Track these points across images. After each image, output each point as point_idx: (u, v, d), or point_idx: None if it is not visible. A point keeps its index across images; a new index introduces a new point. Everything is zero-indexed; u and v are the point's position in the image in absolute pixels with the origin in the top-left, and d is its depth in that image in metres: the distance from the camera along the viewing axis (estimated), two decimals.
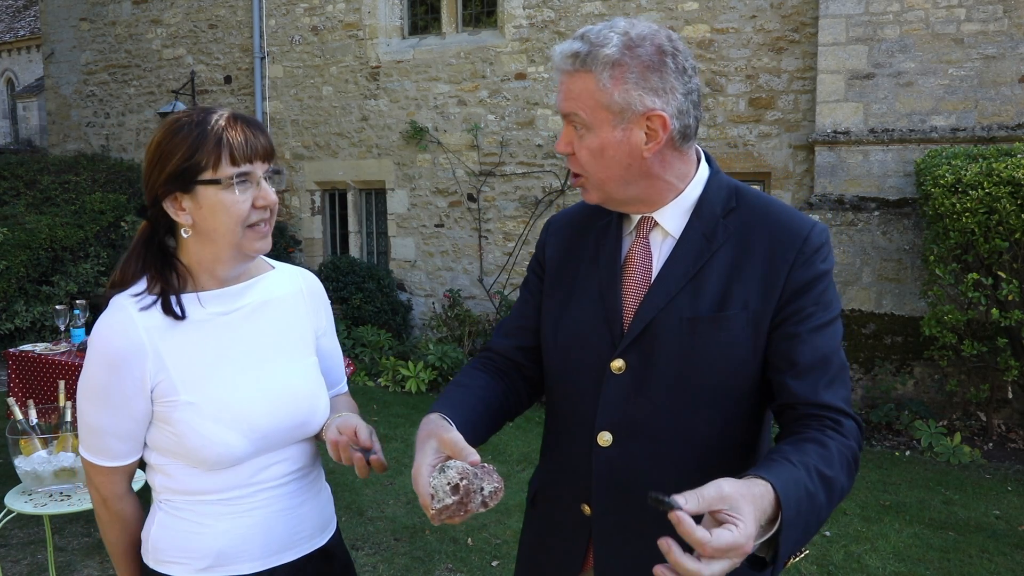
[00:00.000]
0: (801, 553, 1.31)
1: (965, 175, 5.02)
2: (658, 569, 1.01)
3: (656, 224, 1.42)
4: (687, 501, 1.02)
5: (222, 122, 1.38)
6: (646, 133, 1.32)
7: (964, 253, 5.18)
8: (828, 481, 1.19)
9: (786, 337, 1.32)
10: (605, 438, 1.38)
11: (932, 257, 5.31)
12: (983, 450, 5.39)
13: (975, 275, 5.02)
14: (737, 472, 1.32)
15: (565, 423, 1.48)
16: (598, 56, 1.29)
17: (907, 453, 5.41)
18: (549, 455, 1.55)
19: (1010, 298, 4.99)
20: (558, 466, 1.51)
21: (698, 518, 1.03)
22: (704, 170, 1.43)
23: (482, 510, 1.23)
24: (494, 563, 3.76)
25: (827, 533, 4.10)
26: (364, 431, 1.46)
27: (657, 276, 1.38)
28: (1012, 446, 5.50)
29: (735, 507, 1.03)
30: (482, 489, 1.21)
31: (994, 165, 4.97)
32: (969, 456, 5.22)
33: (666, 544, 0.99)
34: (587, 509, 1.43)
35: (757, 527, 1.04)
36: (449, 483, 1.18)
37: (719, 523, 1.02)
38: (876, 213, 6.07)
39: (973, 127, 5.93)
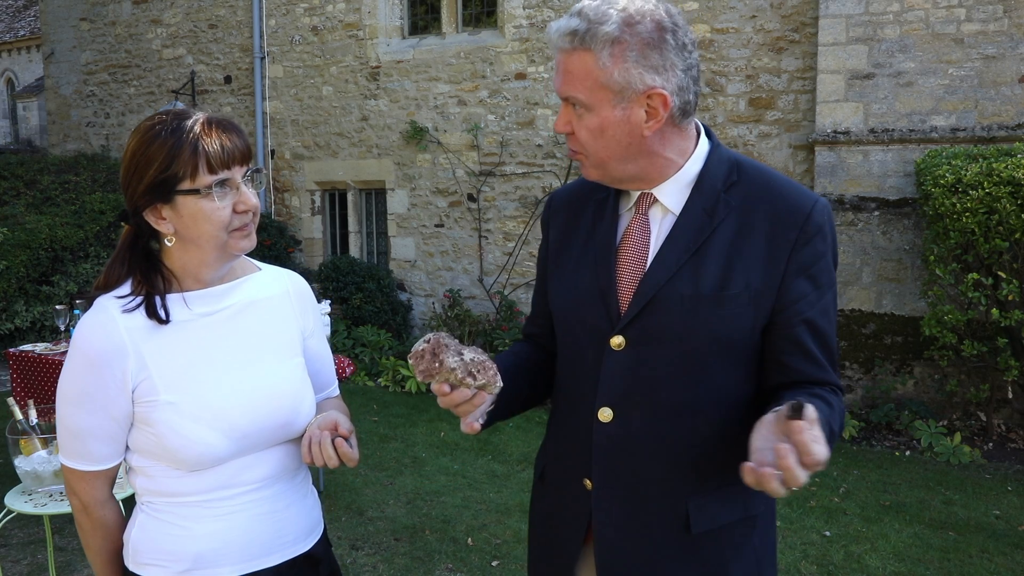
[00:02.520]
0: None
1: (965, 175, 5.02)
2: (748, 467, 1.11)
3: (655, 200, 1.41)
4: (808, 414, 1.10)
5: (197, 128, 1.36)
6: (646, 111, 1.31)
7: (964, 253, 5.18)
8: (832, 435, 1.29)
9: (793, 323, 1.35)
10: (605, 413, 1.40)
11: (932, 257, 5.31)
12: (983, 450, 5.39)
13: (975, 275, 5.02)
14: (735, 443, 1.38)
15: (568, 399, 1.50)
16: (597, 34, 1.27)
17: (907, 453, 5.41)
18: (554, 431, 1.57)
19: (1010, 298, 4.99)
20: (562, 441, 1.53)
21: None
22: (704, 144, 1.42)
23: (469, 382, 1.27)
24: (494, 563, 3.76)
25: (827, 533, 4.11)
26: (344, 421, 1.46)
27: (657, 253, 1.38)
28: (1012, 446, 5.50)
29: (815, 428, 1.10)
30: (461, 353, 1.27)
31: (994, 165, 4.97)
32: (969, 456, 5.22)
33: (784, 450, 1.07)
34: (588, 483, 1.44)
35: None
36: (424, 338, 1.30)
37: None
38: (876, 213, 6.07)
39: (973, 127, 5.93)
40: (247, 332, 1.48)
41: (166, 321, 1.40)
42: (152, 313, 1.40)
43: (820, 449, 1.08)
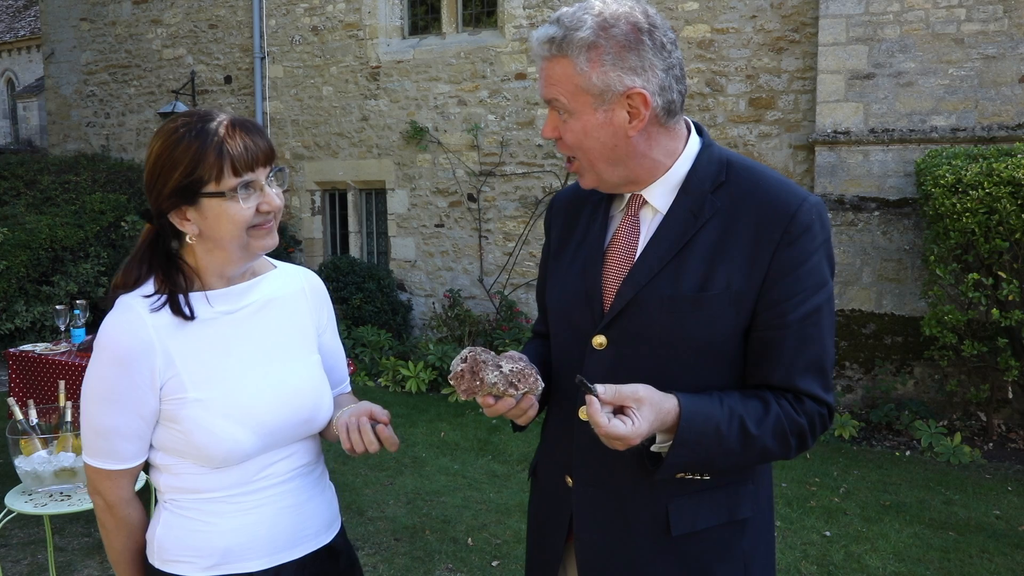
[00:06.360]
0: (702, 476, 1.38)
1: (965, 175, 5.02)
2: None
3: (645, 202, 1.42)
4: (605, 391, 1.22)
5: (221, 131, 1.37)
6: (628, 112, 1.32)
7: (964, 253, 5.18)
8: (747, 435, 1.29)
9: (773, 325, 1.33)
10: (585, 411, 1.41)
11: (932, 257, 5.31)
12: (983, 450, 5.39)
13: (975, 275, 5.02)
14: None
15: (556, 397, 1.52)
16: (573, 40, 1.30)
17: (907, 453, 5.41)
18: (544, 428, 1.60)
19: (1010, 298, 4.99)
20: (549, 438, 1.56)
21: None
22: (694, 144, 1.42)
23: (512, 392, 1.31)
24: (494, 563, 3.76)
25: (827, 533, 4.11)
26: (380, 409, 1.50)
27: (641, 254, 1.39)
28: (1012, 446, 5.50)
29: (640, 408, 1.21)
30: (499, 365, 1.31)
31: (994, 165, 4.97)
32: (969, 456, 5.22)
33: (591, 400, 1.21)
34: (569, 480, 1.46)
35: (650, 431, 1.23)
36: (460, 357, 1.33)
37: (623, 415, 1.21)
38: (876, 213, 6.07)
39: (973, 127, 5.92)
40: (267, 329, 1.50)
41: (191, 317, 1.42)
42: (177, 310, 1.41)
43: (607, 425, 1.19)
